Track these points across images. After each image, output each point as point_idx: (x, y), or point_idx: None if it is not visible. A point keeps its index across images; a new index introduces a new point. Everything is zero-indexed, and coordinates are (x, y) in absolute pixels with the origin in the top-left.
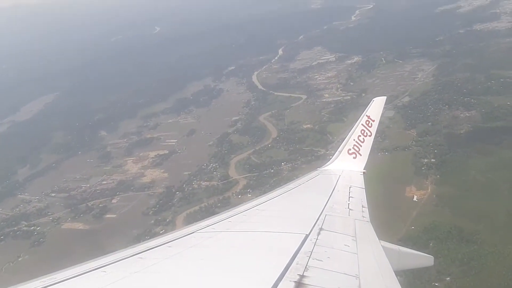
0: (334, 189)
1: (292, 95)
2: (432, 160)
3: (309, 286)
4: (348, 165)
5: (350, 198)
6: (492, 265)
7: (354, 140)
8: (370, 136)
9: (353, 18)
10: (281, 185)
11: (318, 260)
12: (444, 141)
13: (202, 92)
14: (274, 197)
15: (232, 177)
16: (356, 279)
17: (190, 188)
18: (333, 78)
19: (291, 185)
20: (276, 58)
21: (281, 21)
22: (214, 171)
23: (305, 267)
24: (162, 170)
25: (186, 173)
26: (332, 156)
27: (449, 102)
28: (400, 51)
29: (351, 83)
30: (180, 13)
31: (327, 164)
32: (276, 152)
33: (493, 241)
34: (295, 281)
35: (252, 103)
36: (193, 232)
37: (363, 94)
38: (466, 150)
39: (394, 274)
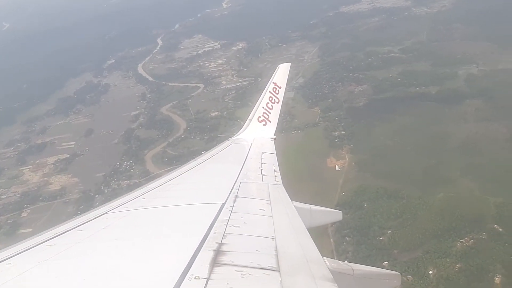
0: (247, 157)
1: (188, 84)
2: (342, 132)
3: (227, 252)
4: (259, 133)
5: (263, 164)
6: (422, 214)
7: (263, 107)
8: (278, 102)
9: (224, 5)
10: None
11: (235, 226)
12: (347, 114)
13: (86, 89)
14: (187, 170)
15: (153, 173)
16: (273, 240)
17: (110, 190)
18: (224, 65)
19: (204, 157)
20: (158, 48)
21: (149, 11)
22: (131, 169)
23: (223, 235)
24: (69, 175)
25: (100, 174)
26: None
27: (341, 79)
28: (281, 35)
29: (244, 69)
30: (28, 7)
31: (238, 133)
32: (192, 142)
33: (417, 194)
34: (214, 250)
35: (148, 95)
36: (105, 213)
37: (259, 79)
38: (368, 120)
39: (307, 231)
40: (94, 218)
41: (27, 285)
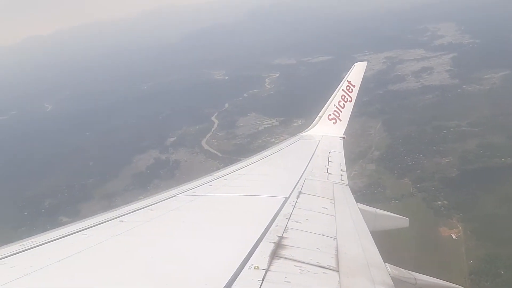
0: (313, 154)
1: None
2: (445, 202)
3: (287, 247)
4: (328, 131)
5: (329, 162)
6: None
7: (334, 105)
8: (350, 101)
9: (267, 86)
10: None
11: (297, 222)
12: (442, 185)
13: (157, 165)
14: (254, 162)
15: None
16: (334, 240)
17: None
18: None
19: (271, 150)
20: (216, 126)
21: (194, 91)
22: None
23: (285, 228)
24: None
25: None
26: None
27: (420, 152)
28: None
29: None
30: (65, 90)
31: (307, 129)
32: None
33: None
34: (274, 242)
35: None
36: (174, 196)
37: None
38: (467, 190)
39: (370, 234)
40: (164, 200)
41: (100, 255)
